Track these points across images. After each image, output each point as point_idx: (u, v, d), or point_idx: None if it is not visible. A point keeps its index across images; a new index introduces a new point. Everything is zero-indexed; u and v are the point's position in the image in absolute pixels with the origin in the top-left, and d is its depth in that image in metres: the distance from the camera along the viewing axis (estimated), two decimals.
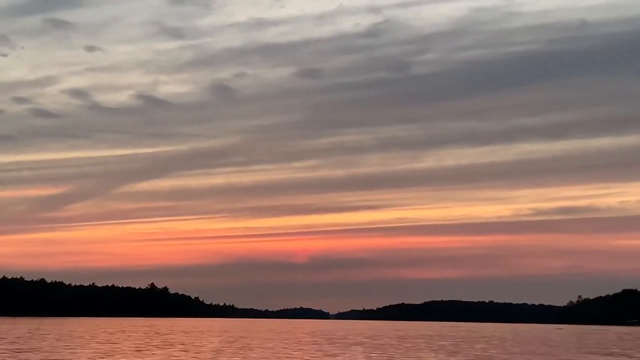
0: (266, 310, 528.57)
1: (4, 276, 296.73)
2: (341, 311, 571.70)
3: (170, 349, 56.17)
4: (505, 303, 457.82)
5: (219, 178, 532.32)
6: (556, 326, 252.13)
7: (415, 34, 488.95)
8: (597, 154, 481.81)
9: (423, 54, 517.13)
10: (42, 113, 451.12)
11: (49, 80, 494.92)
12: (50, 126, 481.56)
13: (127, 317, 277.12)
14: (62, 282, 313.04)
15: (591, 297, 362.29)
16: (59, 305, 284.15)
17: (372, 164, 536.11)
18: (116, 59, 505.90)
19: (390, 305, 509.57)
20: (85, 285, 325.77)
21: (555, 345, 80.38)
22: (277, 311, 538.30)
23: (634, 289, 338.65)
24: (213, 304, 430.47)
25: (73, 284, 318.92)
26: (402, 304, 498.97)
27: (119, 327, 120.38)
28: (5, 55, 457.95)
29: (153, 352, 52.24)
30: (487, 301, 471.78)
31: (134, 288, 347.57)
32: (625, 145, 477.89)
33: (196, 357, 47.32)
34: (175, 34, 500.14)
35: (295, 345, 68.06)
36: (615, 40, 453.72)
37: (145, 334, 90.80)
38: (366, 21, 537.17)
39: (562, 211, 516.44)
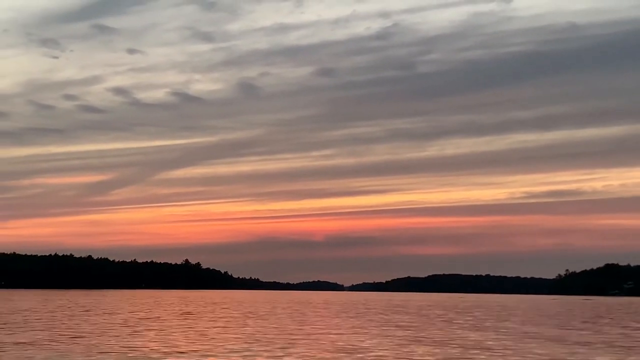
0: (287, 283, 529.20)
1: (55, 253, 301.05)
2: (354, 284, 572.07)
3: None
4: (500, 276, 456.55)
5: (245, 166, 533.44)
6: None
7: (420, 36, 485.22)
8: (583, 143, 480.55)
9: (428, 54, 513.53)
10: (88, 109, 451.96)
11: (94, 80, 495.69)
12: (95, 120, 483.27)
13: (164, 290, 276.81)
14: (107, 259, 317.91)
15: (577, 271, 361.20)
16: (104, 279, 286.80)
17: (381, 153, 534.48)
18: (154, 60, 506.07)
19: (398, 279, 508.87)
20: (128, 261, 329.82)
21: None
22: (297, 284, 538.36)
23: (616, 263, 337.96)
24: (240, 277, 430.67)
25: (117, 260, 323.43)
26: (409, 277, 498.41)
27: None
28: (56, 57, 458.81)
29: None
30: (484, 274, 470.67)
31: (171, 264, 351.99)
32: (609, 136, 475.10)
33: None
34: (207, 37, 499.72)
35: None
36: (601, 41, 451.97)
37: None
38: (377, 25, 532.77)
39: (551, 194, 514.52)
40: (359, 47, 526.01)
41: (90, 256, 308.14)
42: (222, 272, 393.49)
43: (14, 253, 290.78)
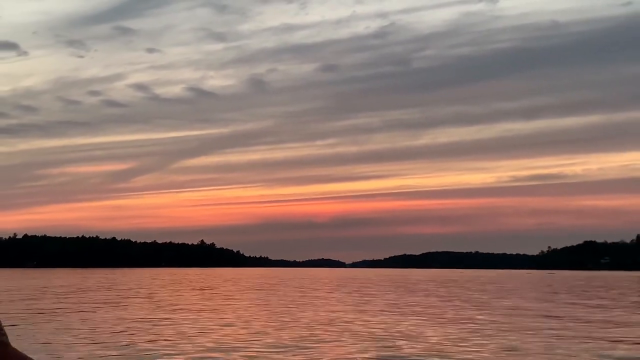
0: (294, 261, 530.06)
1: (82, 235, 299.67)
2: (354, 261, 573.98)
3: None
4: (488, 253, 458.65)
5: (255, 155, 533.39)
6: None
7: (415, 34, 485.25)
8: (565, 131, 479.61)
9: (422, 51, 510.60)
10: (111, 103, 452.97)
11: (117, 77, 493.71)
12: (118, 114, 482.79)
13: (182, 268, 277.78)
14: (129, 240, 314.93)
15: (558, 248, 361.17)
16: (127, 258, 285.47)
17: (379, 142, 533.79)
18: (172, 59, 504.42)
19: (395, 256, 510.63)
20: (149, 242, 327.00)
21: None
22: (303, 261, 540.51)
23: (594, 240, 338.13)
24: (251, 256, 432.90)
25: (138, 241, 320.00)
26: (405, 254, 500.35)
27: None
28: (82, 57, 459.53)
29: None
30: (473, 252, 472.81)
31: (188, 244, 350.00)
32: (588, 124, 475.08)
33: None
34: (220, 37, 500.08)
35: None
36: (581, 37, 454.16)
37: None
38: (375, 24, 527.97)
39: (535, 178, 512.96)
40: (359, 45, 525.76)
41: (114, 238, 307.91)
42: (235, 251, 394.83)
43: (45, 235, 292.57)
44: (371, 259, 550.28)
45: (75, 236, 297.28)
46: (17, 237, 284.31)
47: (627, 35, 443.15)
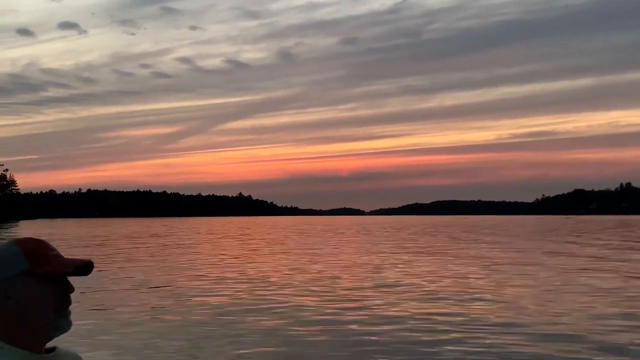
0: (320, 210, 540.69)
1: (137, 189, 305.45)
2: (372, 209, 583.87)
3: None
4: (489, 201, 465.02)
5: (285, 118, 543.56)
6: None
7: (425, 9, 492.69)
8: (558, 93, 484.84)
9: (431, 24, 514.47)
10: (160, 75, 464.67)
11: (164, 52, 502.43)
12: (166, 84, 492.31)
13: (223, 217, 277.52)
14: (178, 193, 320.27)
15: (551, 196, 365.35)
16: (176, 209, 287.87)
17: (394, 105, 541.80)
18: (212, 35, 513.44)
19: (408, 205, 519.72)
20: (194, 195, 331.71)
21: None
22: (328, 210, 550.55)
23: (583, 188, 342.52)
24: (283, 206, 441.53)
25: (186, 194, 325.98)
26: (416, 203, 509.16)
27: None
28: (134, 34, 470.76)
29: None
30: (477, 200, 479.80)
31: (228, 196, 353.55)
32: (578, 87, 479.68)
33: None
34: (254, 15, 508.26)
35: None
36: (573, 9, 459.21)
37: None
38: (390, 1, 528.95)
39: (531, 135, 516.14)
40: (375, 19, 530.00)
41: (165, 191, 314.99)
42: (269, 202, 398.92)
43: (106, 190, 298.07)
44: (387, 208, 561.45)
45: (131, 190, 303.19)
46: (81, 191, 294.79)
47: (613, 7, 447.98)
